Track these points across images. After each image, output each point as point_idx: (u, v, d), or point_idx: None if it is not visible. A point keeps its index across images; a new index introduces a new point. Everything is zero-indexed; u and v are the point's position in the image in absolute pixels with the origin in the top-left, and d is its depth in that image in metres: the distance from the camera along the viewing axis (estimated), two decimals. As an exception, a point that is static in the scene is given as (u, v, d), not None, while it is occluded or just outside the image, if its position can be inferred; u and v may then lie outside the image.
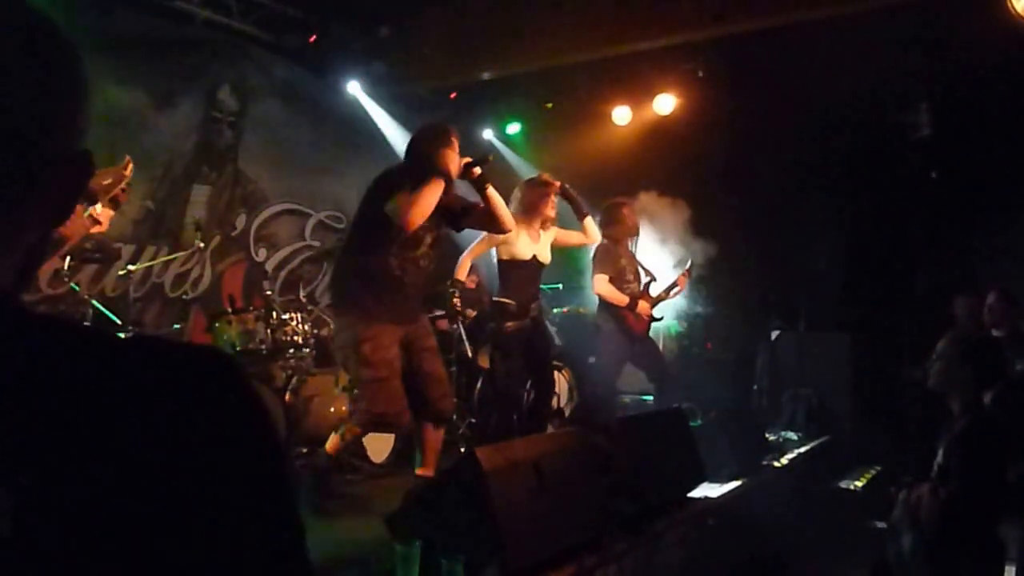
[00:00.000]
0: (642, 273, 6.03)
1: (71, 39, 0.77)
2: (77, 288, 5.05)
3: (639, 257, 6.12)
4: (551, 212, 5.17)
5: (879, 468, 6.30)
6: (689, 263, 6.22)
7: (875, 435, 6.63)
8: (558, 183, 5.26)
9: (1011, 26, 5.33)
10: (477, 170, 4.23)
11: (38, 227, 0.77)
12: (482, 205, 4.31)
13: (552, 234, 5.22)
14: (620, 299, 5.74)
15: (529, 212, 5.10)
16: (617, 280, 5.79)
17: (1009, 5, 5.37)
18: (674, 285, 6.07)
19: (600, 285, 5.76)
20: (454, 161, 4.11)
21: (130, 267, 5.79)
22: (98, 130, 0.92)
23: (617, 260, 5.84)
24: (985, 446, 3.17)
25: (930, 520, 3.18)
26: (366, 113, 7.91)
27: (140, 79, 6.12)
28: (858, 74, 6.64)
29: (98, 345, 0.69)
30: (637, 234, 6.04)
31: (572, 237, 5.59)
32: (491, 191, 4.25)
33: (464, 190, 4.47)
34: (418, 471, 4.28)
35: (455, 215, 4.31)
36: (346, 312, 4.14)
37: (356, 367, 4.12)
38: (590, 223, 5.41)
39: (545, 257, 5.22)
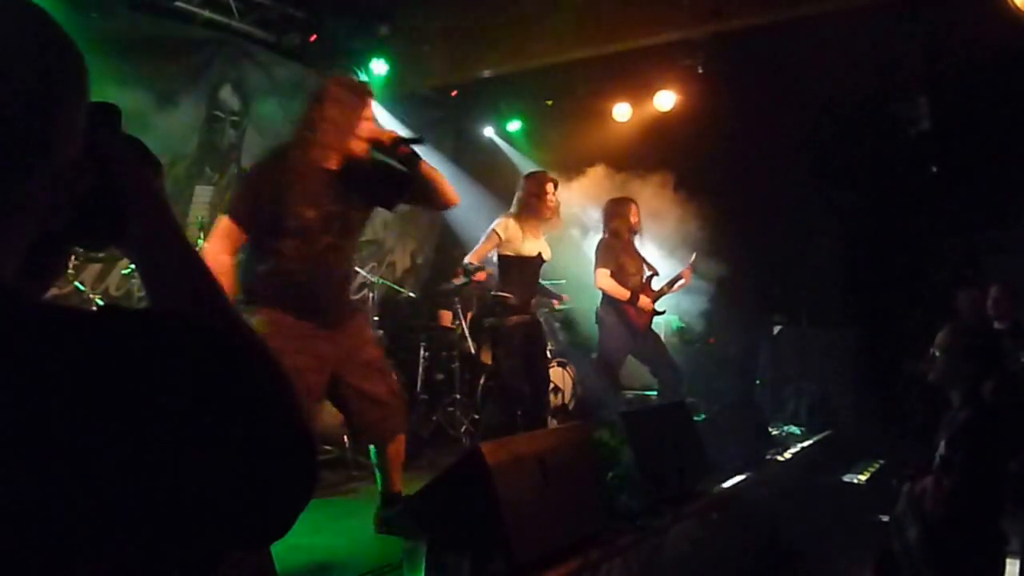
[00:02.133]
0: (644, 267, 6.06)
1: (69, 38, 0.78)
2: (82, 287, 5.07)
3: (641, 252, 6.14)
4: (551, 206, 5.14)
5: (882, 461, 6.31)
6: (692, 257, 6.24)
7: (878, 429, 6.64)
8: (551, 177, 5.24)
9: (1011, 19, 5.33)
10: (407, 149, 3.55)
11: (36, 224, 0.78)
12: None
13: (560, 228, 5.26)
14: (621, 293, 5.76)
15: (529, 208, 5.10)
16: (618, 274, 5.82)
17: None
18: (677, 279, 6.09)
19: (601, 279, 5.78)
20: (362, 129, 3.45)
21: (134, 266, 5.79)
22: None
23: (619, 255, 5.86)
24: (986, 438, 3.19)
25: (934, 512, 3.19)
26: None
27: (141, 79, 6.13)
28: (859, 68, 6.65)
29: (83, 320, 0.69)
30: (639, 229, 6.05)
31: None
32: (426, 167, 3.56)
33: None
34: (383, 489, 3.81)
35: (378, 192, 3.61)
36: (253, 314, 3.43)
37: None
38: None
39: (548, 253, 5.24)
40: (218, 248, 3.36)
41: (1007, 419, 3.31)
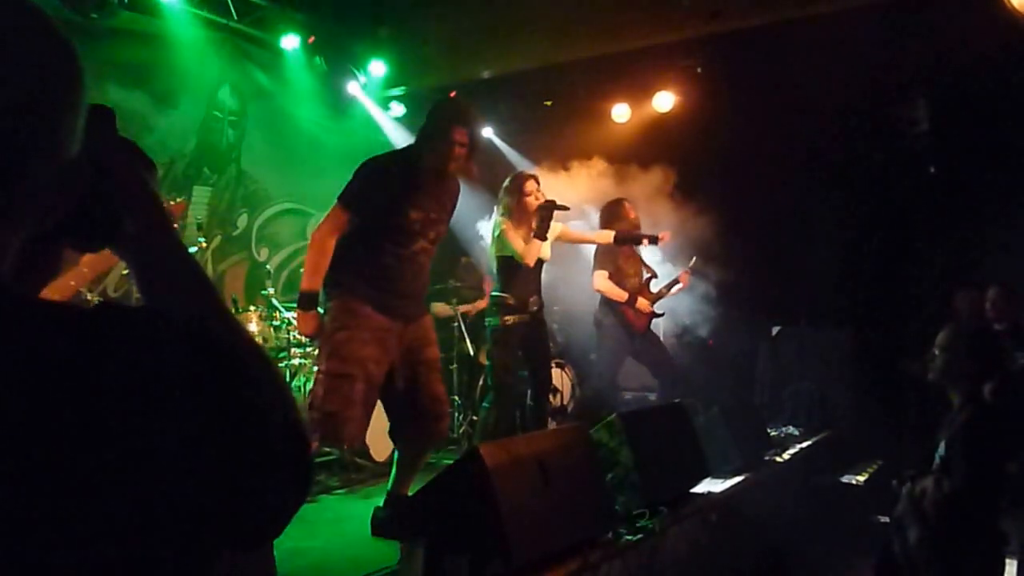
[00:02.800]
0: (643, 269, 6.05)
1: (67, 38, 0.77)
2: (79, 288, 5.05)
3: (641, 254, 6.14)
4: (535, 203, 4.99)
5: (881, 462, 6.31)
6: (692, 260, 6.23)
7: (876, 429, 6.64)
8: (530, 174, 5.15)
9: (1008, 19, 5.34)
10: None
11: (33, 224, 0.77)
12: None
13: (556, 229, 5.21)
14: (619, 295, 5.76)
15: (517, 210, 5.04)
16: (617, 276, 5.81)
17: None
18: (676, 282, 6.09)
19: (599, 281, 5.78)
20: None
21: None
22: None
23: (617, 257, 5.86)
24: (986, 438, 3.18)
25: (935, 513, 3.19)
26: (366, 112, 7.92)
27: (140, 80, 6.13)
28: (857, 69, 6.65)
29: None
30: (636, 228, 6.05)
31: (585, 235, 5.66)
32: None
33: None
34: (392, 489, 3.95)
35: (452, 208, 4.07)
36: (334, 298, 3.73)
37: (323, 357, 3.69)
38: (535, 245, 4.98)
39: (545, 253, 5.21)
40: (326, 232, 3.71)
41: (1007, 420, 3.31)
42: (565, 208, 5.01)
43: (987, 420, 3.22)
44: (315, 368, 4.63)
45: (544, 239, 4.91)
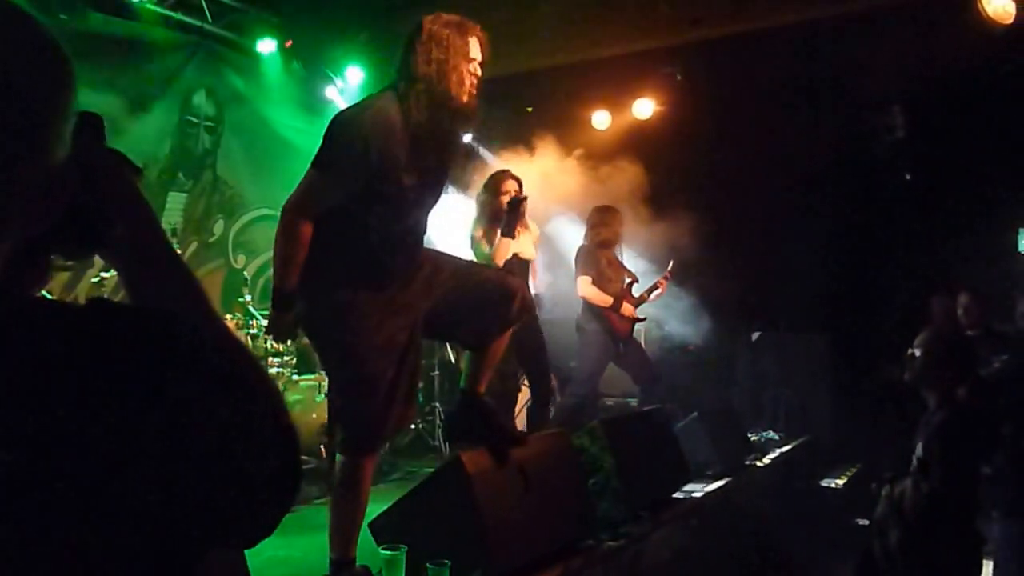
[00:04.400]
0: (624, 275, 6.06)
1: (58, 44, 0.77)
2: (49, 296, 4.98)
3: (621, 259, 6.15)
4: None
5: (860, 465, 6.35)
6: (671, 265, 6.24)
7: (855, 433, 6.68)
8: (510, 175, 5.04)
9: (983, 28, 5.41)
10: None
11: (21, 231, 0.77)
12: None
13: (535, 231, 5.17)
14: (604, 300, 5.75)
15: (492, 211, 4.95)
16: (599, 282, 5.80)
17: (980, 8, 5.45)
18: (655, 287, 6.10)
19: (584, 287, 5.76)
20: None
21: (103, 274, 5.70)
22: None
23: (598, 261, 5.86)
24: (962, 440, 3.22)
25: (914, 514, 3.21)
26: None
27: (112, 83, 6.06)
28: (834, 76, 6.71)
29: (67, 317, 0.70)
30: (620, 237, 6.05)
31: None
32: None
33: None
34: (466, 387, 3.38)
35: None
36: (318, 302, 2.97)
37: (334, 365, 3.15)
38: (503, 244, 4.79)
39: (528, 253, 5.15)
40: (300, 211, 2.86)
41: (981, 422, 3.35)
42: (523, 199, 4.75)
43: (962, 422, 3.26)
44: (321, 375, 4.39)
45: (511, 237, 4.74)
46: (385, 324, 2.93)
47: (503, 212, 4.85)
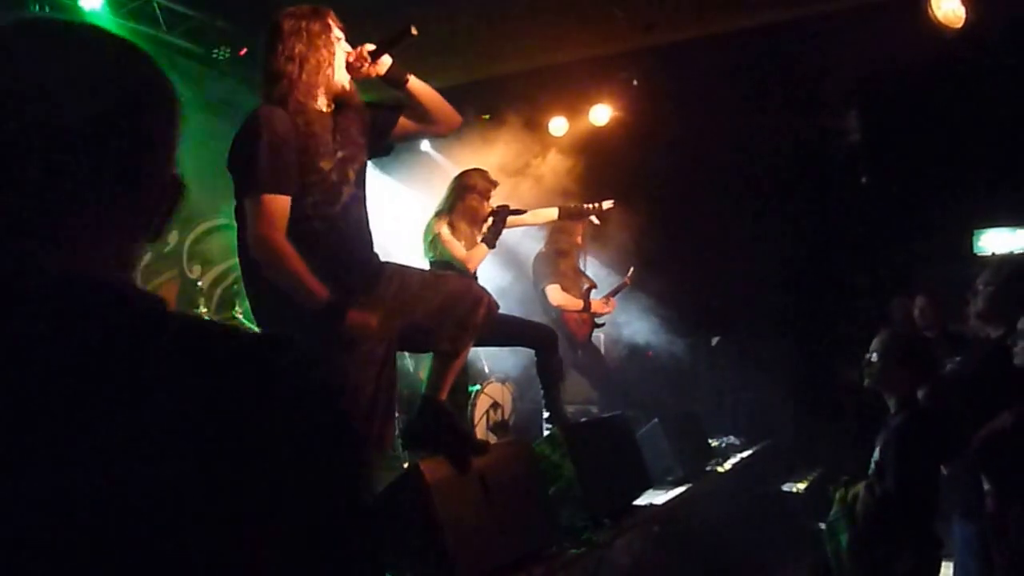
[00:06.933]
0: (583, 280, 6.06)
1: (169, 78, 0.97)
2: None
3: (580, 265, 6.14)
4: (486, 208, 4.73)
5: (821, 470, 6.39)
6: (630, 270, 6.25)
7: (816, 437, 6.74)
8: (484, 174, 4.86)
9: (933, 31, 5.50)
10: (386, 61, 3.13)
11: (135, 234, 0.88)
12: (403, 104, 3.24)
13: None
14: (576, 304, 5.74)
15: (460, 211, 4.72)
16: (563, 287, 5.79)
17: (930, 11, 5.55)
18: (619, 289, 6.10)
19: (555, 295, 5.71)
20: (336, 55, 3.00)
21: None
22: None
23: (559, 267, 5.85)
24: (920, 442, 3.24)
25: (865, 517, 3.23)
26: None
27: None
28: (790, 80, 6.78)
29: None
30: (580, 244, 6.05)
31: (526, 218, 5.02)
32: (414, 83, 3.20)
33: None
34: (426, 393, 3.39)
35: (372, 130, 3.19)
36: (295, 312, 2.78)
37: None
38: (480, 251, 4.65)
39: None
40: (273, 231, 2.79)
41: (939, 424, 3.37)
42: (520, 212, 4.71)
43: (920, 424, 3.28)
44: None
45: (493, 247, 4.59)
46: (361, 340, 2.88)
47: (473, 214, 4.70)
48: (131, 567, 0.67)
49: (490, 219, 4.67)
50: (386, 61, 3.14)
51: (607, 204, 5.35)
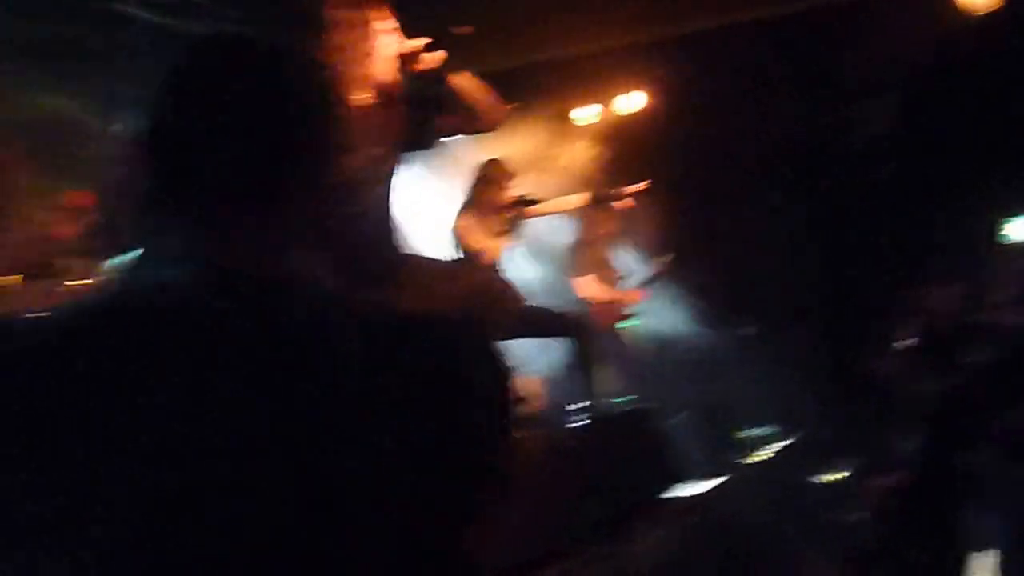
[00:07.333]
0: (613, 272, 6.03)
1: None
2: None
3: (609, 255, 6.11)
4: (505, 199, 4.70)
5: (853, 460, 6.31)
6: (664, 259, 6.21)
7: (848, 428, 6.64)
8: (504, 165, 4.85)
9: (956, 17, 5.40)
10: (436, 57, 2.96)
11: (290, 227, 0.96)
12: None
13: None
14: (605, 294, 5.72)
15: (481, 204, 4.70)
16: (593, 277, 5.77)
17: None
18: (649, 281, 6.07)
19: (584, 286, 5.69)
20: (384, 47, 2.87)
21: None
22: (35, 140, 1.05)
23: (587, 257, 5.83)
24: (942, 435, 3.20)
25: (894, 508, 3.20)
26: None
27: (80, 86, 5.96)
28: (813, 70, 6.68)
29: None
30: (613, 233, 6.02)
31: (550, 205, 5.16)
32: (462, 80, 3.08)
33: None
34: None
35: (412, 127, 3.05)
36: None
37: None
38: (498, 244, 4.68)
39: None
40: None
41: (963, 414, 3.33)
42: (541, 201, 4.78)
43: (943, 417, 3.24)
44: None
45: (513, 238, 4.63)
46: None
47: (494, 207, 4.65)
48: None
49: (510, 211, 4.60)
50: (436, 57, 2.98)
51: (640, 186, 5.32)
